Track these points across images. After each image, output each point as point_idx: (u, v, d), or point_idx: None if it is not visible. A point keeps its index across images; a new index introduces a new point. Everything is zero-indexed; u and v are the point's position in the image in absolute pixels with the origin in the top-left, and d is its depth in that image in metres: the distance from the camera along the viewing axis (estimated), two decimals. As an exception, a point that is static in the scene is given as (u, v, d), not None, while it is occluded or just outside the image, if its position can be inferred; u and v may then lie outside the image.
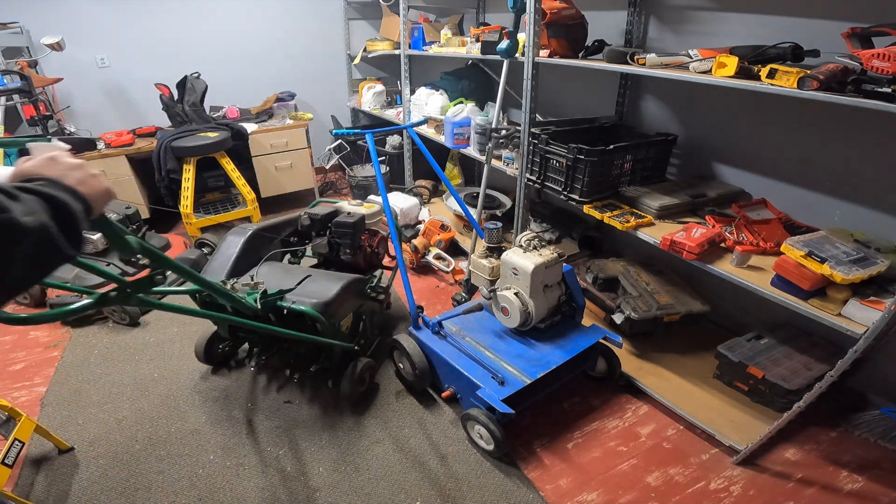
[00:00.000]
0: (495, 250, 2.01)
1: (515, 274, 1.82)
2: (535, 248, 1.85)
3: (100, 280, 2.48)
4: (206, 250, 3.07)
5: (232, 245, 1.90)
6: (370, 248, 2.18)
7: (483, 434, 1.69)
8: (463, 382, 1.76)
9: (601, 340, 1.90)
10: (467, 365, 1.77)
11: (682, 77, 1.63)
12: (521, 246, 1.87)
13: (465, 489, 1.61)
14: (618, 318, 2.13)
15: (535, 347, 1.86)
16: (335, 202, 2.25)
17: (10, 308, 2.69)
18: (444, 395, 1.86)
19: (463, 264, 2.75)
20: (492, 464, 1.69)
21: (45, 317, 0.96)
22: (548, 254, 1.82)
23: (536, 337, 1.91)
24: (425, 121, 3.10)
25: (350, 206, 2.18)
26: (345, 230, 2.05)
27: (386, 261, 2.36)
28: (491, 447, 1.68)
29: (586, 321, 2.00)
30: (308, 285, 1.74)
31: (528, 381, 1.67)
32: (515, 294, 1.82)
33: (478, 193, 2.66)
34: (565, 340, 1.89)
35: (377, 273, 2.22)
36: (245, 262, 1.89)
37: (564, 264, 1.94)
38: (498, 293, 1.87)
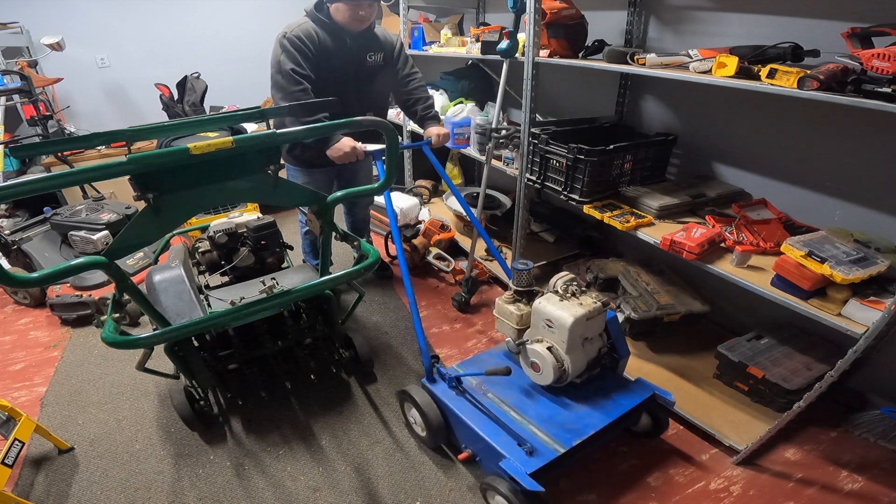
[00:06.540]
0: (525, 294, 1.72)
1: (550, 326, 1.54)
2: (573, 294, 1.56)
3: (99, 281, 2.53)
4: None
5: (178, 280, 1.69)
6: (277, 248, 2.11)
7: None
8: (484, 448, 1.51)
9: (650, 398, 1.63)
10: (489, 430, 1.50)
11: (682, 77, 1.63)
12: (556, 292, 1.59)
13: (466, 489, 1.61)
14: (618, 318, 2.13)
15: (570, 408, 1.58)
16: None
17: (10, 307, 2.69)
18: (460, 456, 1.61)
19: (463, 264, 2.74)
20: (492, 464, 1.69)
21: None
22: (590, 302, 1.53)
23: (571, 394, 1.62)
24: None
25: (231, 220, 2.03)
26: (268, 232, 1.98)
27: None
28: None
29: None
30: (284, 283, 1.76)
31: (562, 451, 1.42)
32: (549, 349, 1.54)
33: (478, 193, 2.66)
34: (606, 400, 1.61)
35: None
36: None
37: (608, 311, 1.65)
38: (528, 346, 1.59)
